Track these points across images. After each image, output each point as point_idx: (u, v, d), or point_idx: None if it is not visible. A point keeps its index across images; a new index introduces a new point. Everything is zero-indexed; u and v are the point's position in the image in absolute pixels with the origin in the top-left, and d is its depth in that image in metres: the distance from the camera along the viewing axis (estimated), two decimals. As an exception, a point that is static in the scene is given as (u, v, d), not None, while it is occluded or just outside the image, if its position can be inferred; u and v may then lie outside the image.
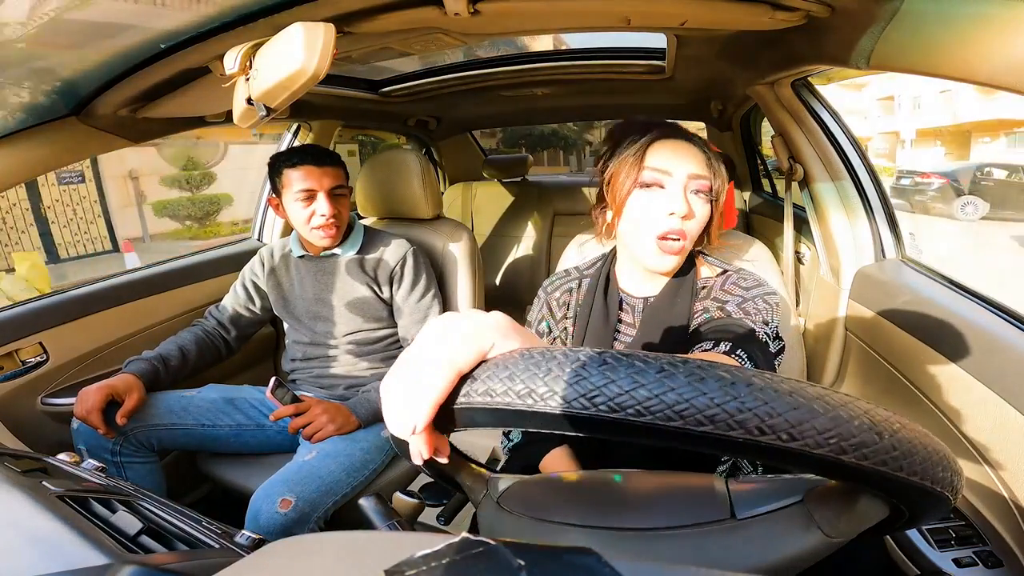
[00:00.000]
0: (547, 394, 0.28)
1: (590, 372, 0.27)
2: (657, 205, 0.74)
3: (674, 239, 0.73)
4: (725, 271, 0.82)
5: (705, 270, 0.84)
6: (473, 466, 0.50)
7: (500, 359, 0.31)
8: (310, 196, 1.21)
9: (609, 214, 0.81)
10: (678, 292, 0.80)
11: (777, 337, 0.74)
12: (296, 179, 1.20)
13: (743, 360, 0.64)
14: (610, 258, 0.88)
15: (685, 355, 0.30)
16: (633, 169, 0.75)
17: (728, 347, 0.65)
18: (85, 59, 0.80)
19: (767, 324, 0.73)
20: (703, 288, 0.81)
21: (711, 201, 0.76)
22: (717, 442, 0.26)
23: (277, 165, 1.23)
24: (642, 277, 0.83)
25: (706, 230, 0.80)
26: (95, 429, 1.05)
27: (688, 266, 0.82)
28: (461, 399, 0.31)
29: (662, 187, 0.74)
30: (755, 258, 1.04)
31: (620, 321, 0.84)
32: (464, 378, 0.31)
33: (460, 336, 0.32)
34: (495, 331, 0.33)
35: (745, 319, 0.72)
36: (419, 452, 0.35)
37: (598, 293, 0.84)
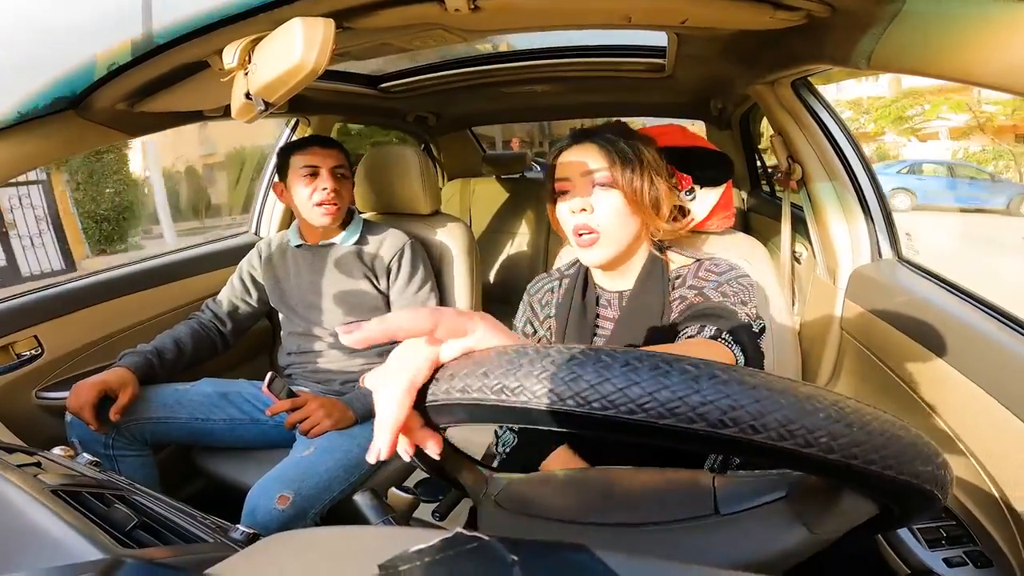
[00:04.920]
0: (518, 389, 0.28)
1: (579, 370, 0.28)
2: (565, 208, 0.81)
3: (584, 232, 0.79)
4: (697, 260, 0.84)
5: (676, 261, 0.86)
6: (476, 467, 0.51)
7: (478, 356, 0.32)
8: (314, 172, 1.26)
9: None
10: (650, 283, 0.82)
11: (758, 317, 0.76)
12: (302, 159, 1.26)
13: (730, 344, 0.65)
14: None
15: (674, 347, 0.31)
16: (549, 184, 0.84)
17: (713, 331, 0.67)
18: (83, 53, 0.80)
19: (745, 304, 0.75)
20: (677, 277, 0.83)
21: (617, 188, 0.78)
22: (699, 438, 0.26)
23: (287, 152, 1.30)
24: (612, 273, 0.85)
25: (646, 221, 0.81)
26: (87, 425, 1.05)
27: (656, 259, 0.84)
28: (442, 396, 0.32)
29: (567, 191, 0.81)
30: (752, 257, 1.04)
31: (599, 316, 0.86)
32: (441, 375, 0.33)
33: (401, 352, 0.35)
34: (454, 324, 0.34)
35: (725, 301, 0.74)
36: (405, 451, 0.37)
37: (576, 291, 0.87)
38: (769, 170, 2.01)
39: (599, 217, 0.78)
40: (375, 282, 1.31)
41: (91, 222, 7.50)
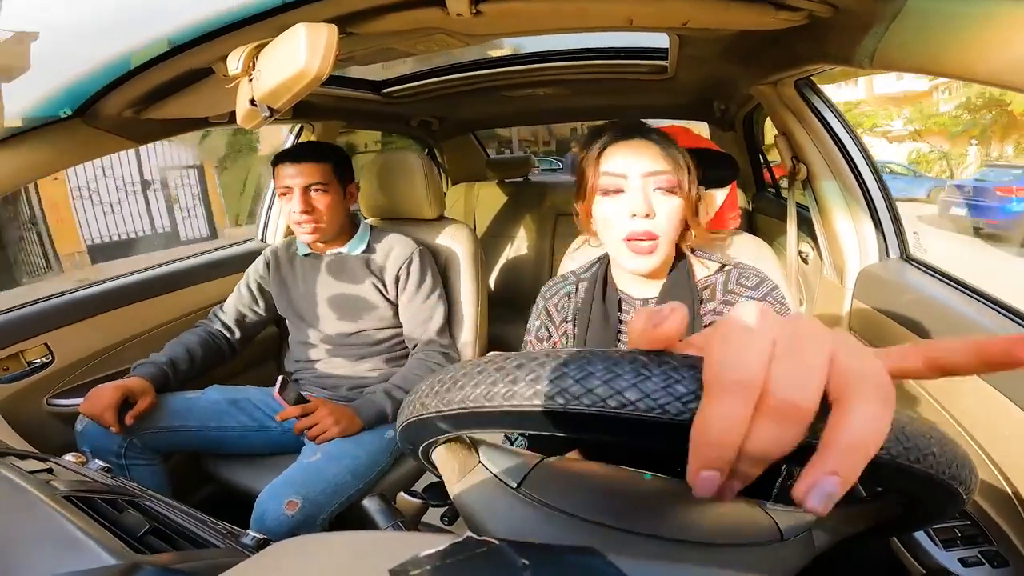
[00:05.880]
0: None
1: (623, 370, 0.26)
2: (619, 208, 0.74)
3: (641, 240, 0.73)
4: (723, 266, 0.81)
5: (700, 268, 0.82)
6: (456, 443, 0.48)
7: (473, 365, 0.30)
8: (286, 193, 1.23)
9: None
10: (676, 291, 0.78)
11: None
12: (278, 176, 1.24)
13: None
14: (606, 260, 0.88)
15: None
16: (593, 176, 0.76)
17: None
18: (89, 60, 0.81)
19: None
20: (705, 288, 0.80)
21: (679, 194, 0.74)
22: None
23: (272, 164, 1.27)
24: (636, 278, 0.82)
25: (687, 224, 0.78)
26: (107, 427, 1.05)
27: (681, 264, 0.80)
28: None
29: (621, 190, 0.74)
30: (758, 258, 1.03)
31: (621, 322, 0.83)
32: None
33: None
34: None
35: None
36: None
37: (596, 295, 0.83)
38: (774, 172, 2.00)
39: (660, 223, 0.72)
40: (383, 291, 1.30)
41: (233, 199, 9.21)
